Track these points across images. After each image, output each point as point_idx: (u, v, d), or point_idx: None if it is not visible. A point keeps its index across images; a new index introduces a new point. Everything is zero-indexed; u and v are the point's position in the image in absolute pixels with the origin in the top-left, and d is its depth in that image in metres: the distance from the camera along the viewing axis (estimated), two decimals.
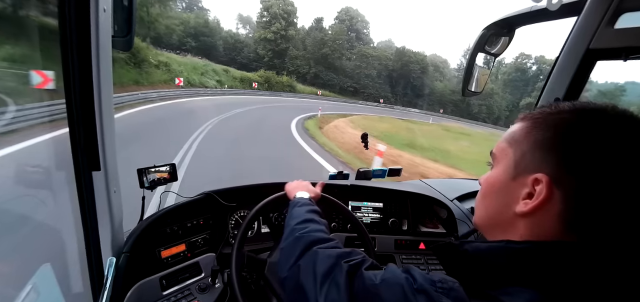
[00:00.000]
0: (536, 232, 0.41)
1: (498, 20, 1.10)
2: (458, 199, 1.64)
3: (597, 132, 0.37)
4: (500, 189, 0.45)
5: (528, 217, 0.41)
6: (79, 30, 0.68)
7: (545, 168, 0.39)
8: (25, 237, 1.20)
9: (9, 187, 1.45)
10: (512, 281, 0.39)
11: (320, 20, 50.59)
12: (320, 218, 0.74)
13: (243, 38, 49.02)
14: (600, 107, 0.39)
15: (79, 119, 0.75)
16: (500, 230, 0.45)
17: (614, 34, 0.84)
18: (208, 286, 1.05)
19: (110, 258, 0.88)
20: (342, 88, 47.67)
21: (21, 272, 1.18)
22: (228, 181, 1.80)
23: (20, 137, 3.52)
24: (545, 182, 0.39)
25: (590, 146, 0.37)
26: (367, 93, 48.32)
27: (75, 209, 0.84)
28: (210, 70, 29.27)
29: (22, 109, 4.01)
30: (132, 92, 13.45)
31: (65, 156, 0.80)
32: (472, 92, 1.25)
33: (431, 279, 0.41)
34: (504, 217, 0.44)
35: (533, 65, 54.01)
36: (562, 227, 0.39)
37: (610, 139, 0.36)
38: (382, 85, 49.98)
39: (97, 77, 0.73)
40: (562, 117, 0.40)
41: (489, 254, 0.42)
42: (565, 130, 0.39)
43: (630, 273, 0.36)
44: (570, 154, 0.38)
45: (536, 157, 0.41)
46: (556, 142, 0.39)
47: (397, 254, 1.42)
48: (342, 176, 1.64)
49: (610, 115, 0.38)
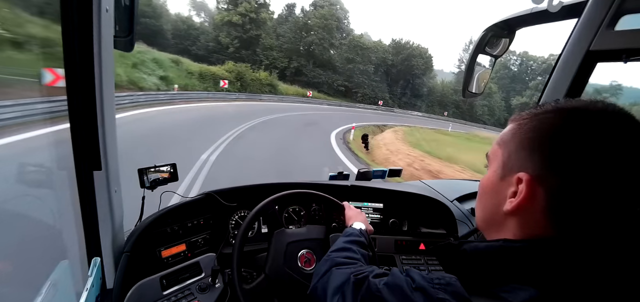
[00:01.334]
0: (525, 231, 0.42)
1: (498, 22, 1.11)
2: (458, 200, 1.64)
3: (578, 131, 0.38)
4: (491, 190, 0.47)
5: (515, 215, 0.42)
6: (82, 29, 0.68)
7: (529, 167, 0.40)
8: (26, 236, 1.21)
9: (10, 186, 1.46)
10: (509, 279, 0.40)
11: (292, 6, 40.57)
12: (359, 249, 0.78)
13: (198, 25, 37.88)
14: (582, 105, 0.40)
15: (81, 118, 0.76)
16: (495, 230, 0.47)
17: (615, 35, 0.84)
18: (208, 285, 1.05)
19: (94, 258, 0.88)
20: (332, 87, 38.42)
21: (21, 270, 1.18)
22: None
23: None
24: (526, 181, 0.40)
25: (572, 144, 0.37)
26: (361, 93, 40.04)
27: (76, 208, 0.85)
28: (150, 61, 17.40)
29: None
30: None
31: (66, 155, 0.80)
32: (472, 93, 1.25)
33: (429, 278, 0.43)
34: (496, 217, 0.46)
35: (515, 61, 50.51)
36: (548, 224, 0.39)
37: (591, 137, 0.37)
38: (379, 84, 41.48)
39: (98, 77, 0.74)
40: (545, 117, 0.41)
41: (486, 253, 0.44)
42: (547, 130, 0.40)
43: (619, 267, 0.37)
44: (552, 153, 0.39)
45: (520, 157, 0.42)
46: (538, 142, 0.40)
47: (397, 254, 1.42)
48: (342, 177, 1.64)
49: (591, 113, 0.38)
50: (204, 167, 5.51)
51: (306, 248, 1.00)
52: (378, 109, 36.18)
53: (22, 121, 4.33)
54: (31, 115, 4.25)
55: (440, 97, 46.60)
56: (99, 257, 0.89)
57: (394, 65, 43.04)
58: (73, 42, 0.69)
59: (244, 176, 5.30)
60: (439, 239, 1.46)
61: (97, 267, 0.87)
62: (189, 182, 4.68)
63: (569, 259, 0.37)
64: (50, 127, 2.86)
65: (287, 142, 9.48)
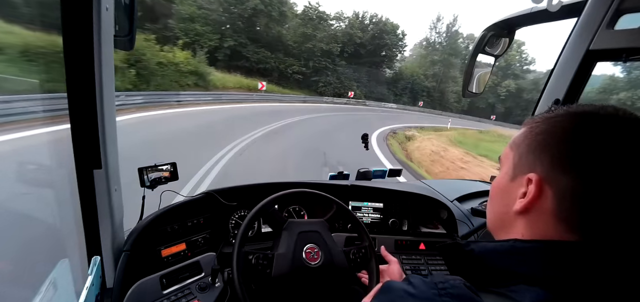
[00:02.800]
0: (534, 231, 0.42)
1: (498, 22, 1.11)
2: (458, 200, 1.65)
3: (587, 134, 0.39)
4: (502, 191, 0.48)
5: (524, 215, 0.43)
6: (82, 28, 0.69)
7: (538, 168, 0.42)
8: (25, 234, 1.21)
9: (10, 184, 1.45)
10: (518, 279, 0.39)
11: None
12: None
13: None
14: (593, 109, 0.40)
15: (81, 117, 0.76)
16: (504, 231, 0.47)
17: (614, 35, 0.85)
18: (208, 285, 1.05)
19: (94, 257, 0.88)
20: (284, 75, 27.22)
21: (21, 269, 1.18)
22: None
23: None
24: (535, 181, 0.41)
25: (581, 146, 0.38)
26: (324, 82, 29.14)
27: (76, 207, 0.85)
28: None
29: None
30: None
31: (66, 154, 0.80)
32: (472, 93, 1.26)
33: (433, 282, 0.41)
34: (506, 217, 0.46)
35: (462, 43, 43.70)
36: (557, 226, 0.40)
37: (600, 139, 0.38)
38: (345, 69, 30.99)
39: (98, 76, 0.74)
40: (556, 120, 0.42)
41: (495, 253, 0.43)
42: (557, 132, 0.41)
43: (629, 270, 0.37)
44: (561, 154, 0.40)
45: (530, 158, 0.43)
46: (548, 144, 0.42)
47: (397, 254, 1.42)
48: (342, 176, 1.64)
49: (601, 116, 0.39)
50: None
51: (312, 242, 0.98)
52: (347, 103, 27.84)
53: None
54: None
55: (410, 83, 37.86)
56: (99, 256, 0.89)
57: (362, 45, 32.37)
58: (73, 40, 0.69)
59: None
60: (439, 239, 1.46)
61: (97, 266, 0.87)
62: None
63: (581, 261, 0.38)
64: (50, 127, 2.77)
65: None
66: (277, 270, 0.90)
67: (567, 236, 0.39)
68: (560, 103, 0.99)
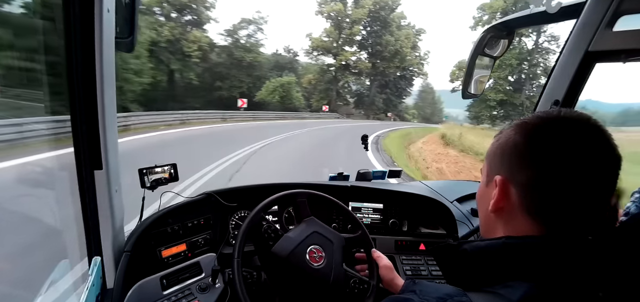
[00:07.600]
0: (510, 228, 0.47)
1: (497, 23, 1.11)
2: (458, 201, 1.65)
3: (537, 134, 0.44)
4: (481, 196, 0.54)
5: (499, 215, 0.48)
6: (83, 29, 0.69)
7: (503, 170, 0.47)
8: (26, 235, 1.21)
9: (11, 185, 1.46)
10: (511, 275, 0.41)
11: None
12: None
13: None
14: (541, 115, 0.46)
15: (82, 118, 0.76)
16: (491, 234, 0.51)
17: (613, 36, 0.85)
18: (208, 285, 1.05)
19: (94, 258, 0.88)
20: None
21: (22, 269, 1.18)
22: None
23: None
24: (499, 181, 0.47)
25: (533, 145, 0.44)
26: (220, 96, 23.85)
27: (77, 207, 0.85)
28: None
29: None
30: None
31: (67, 155, 0.80)
32: (472, 94, 1.26)
33: (437, 297, 0.43)
34: (489, 220, 0.51)
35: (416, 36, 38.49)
36: (525, 219, 0.44)
37: (548, 137, 0.43)
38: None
39: (100, 77, 0.74)
40: (507, 133, 0.49)
41: (488, 251, 0.45)
42: (509, 142, 0.47)
43: (588, 258, 0.41)
44: (519, 154, 0.45)
45: (496, 164, 0.50)
46: (508, 148, 0.47)
47: (397, 254, 1.42)
48: (342, 177, 1.64)
49: (545, 120, 0.44)
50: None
51: (321, 245, 0.97)
52: (236, 112, 21.52)
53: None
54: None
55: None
56: (100, 257, 0.90)
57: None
58: (75, 42, 0.70)
59: None
60: (439, 240, 1.46)
61: (97, 267, 0.87)
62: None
63: (545, 254, 0.41)
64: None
65: None
66: (278, 248, 0.91)
67: (535, 230, 0.44)
68: (559, 104, 0.99)
